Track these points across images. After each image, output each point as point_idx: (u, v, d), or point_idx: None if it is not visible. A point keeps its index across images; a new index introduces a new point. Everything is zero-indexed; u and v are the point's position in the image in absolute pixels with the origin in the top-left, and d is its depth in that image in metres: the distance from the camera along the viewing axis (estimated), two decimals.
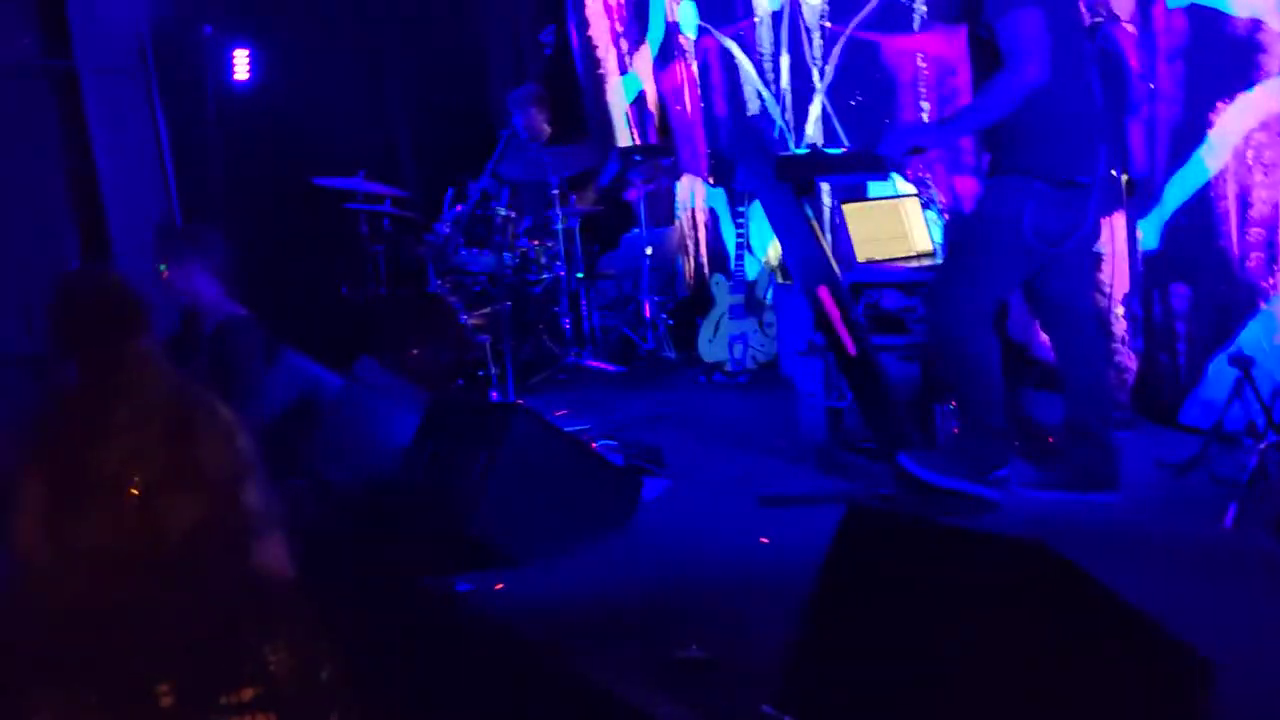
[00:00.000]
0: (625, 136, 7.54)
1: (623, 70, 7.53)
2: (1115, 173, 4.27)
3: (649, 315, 6.70)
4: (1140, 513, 3.71)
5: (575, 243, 6.53)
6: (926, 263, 4.65)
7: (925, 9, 5.43)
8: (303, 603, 1.40)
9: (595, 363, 6.48)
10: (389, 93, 7.92)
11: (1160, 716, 1.97)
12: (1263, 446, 3.59)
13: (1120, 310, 4.64)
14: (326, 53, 7.43)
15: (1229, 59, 4.18)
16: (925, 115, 5.45)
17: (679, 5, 7.01)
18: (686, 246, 7.32)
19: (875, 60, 5.72)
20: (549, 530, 3.69)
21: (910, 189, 5.37)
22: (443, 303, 6.11)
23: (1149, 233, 4.57)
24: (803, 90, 6.20)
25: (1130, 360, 4.66)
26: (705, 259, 7.18)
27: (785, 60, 6.29)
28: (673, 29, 7.09)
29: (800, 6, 6.11)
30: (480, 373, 6.06)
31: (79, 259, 6.42)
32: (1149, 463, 4.10)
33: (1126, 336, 4.65)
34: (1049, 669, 1.96)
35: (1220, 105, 4.24)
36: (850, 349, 3.98)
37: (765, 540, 3.73)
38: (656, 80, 7.33)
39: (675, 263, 7.31)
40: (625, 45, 7.48)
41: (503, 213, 6.16)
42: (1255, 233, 4.22)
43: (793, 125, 6.31)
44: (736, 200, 6.44)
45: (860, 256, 4.64)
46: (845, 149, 5.33)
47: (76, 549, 1.28)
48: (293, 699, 1.30)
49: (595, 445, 4.47)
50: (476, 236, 6.31)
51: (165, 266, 4.05)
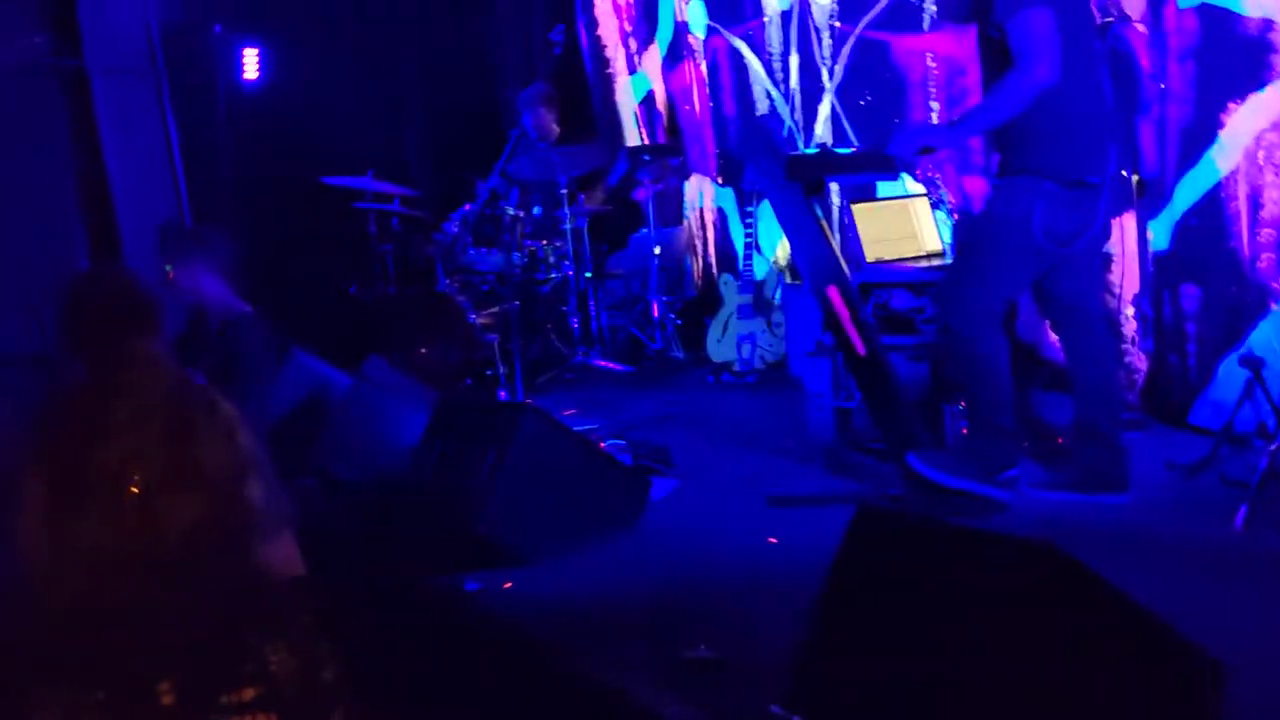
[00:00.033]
0: (634, 136, 7.54)
1: (631, 70, 7.53)
2: (1125, 173, 4.25)
3: (657, 315, 6.70)
4: (1150, 514, 3.70)
5: (583, 242, 6.54)
6: (936, 263, 4.64)
7: (935, 9, 5.42)
8: (305, 602, 1.39)
9: (603, 362, 6.48)
10: (398, 92, 7.93)
11: (1170, 717, 1.97)
12: (1273, 448, 3.58)
13: (1130, 311, 4.63)
14: (336, 52, 7.44)
15: (1240, 59, 4.17)
16: (934, 115, 5.44)
17: (688, 5, 7.00)
18: (695, 246, 7.31)
19: (885, 60, 5.71)
20: (557, 530, 3.69)
21: (920, 189, 5.36)
22: (451, 302, 6.11)
23: (1159, 233, 4.56)
24: (812, 90, 6.19)
25: (1140, 361, 4.65)
26: (713, 259, 7.18)
27: (794, 60, 6.28)
28: (681, 29, 7.08)
29: (810, 6, 6.10)
30: (488, 372, 6.07)
31: (88, 259, 6.43)
32: (1159, 464, 4.09)
33: (1136, 337, 4.64)
34: (1058, 670, 1.96)
35: (1231, 105, 4.23)
36: (859, 349, 3.97)
37: (773, 540, 3.73)
38: (665, 80, 7.33)
39: (683, 262, 7.30)
40: (634, 45, 7.48)
41: (511, 212, 6.16)
42: (1266, 233, 4.21)
43: (802, 125, 6.31)
44: (745, 200, 6.43)
45: (869, 256, 4.64)
46: (855, 149, 5.32)
47: (76, 549, 1.28)
48: (294, 699, 1.30)
49: (603, 445, 4.47)
50: (485, 236, 6.32)
51: (171, 267, 4.06)
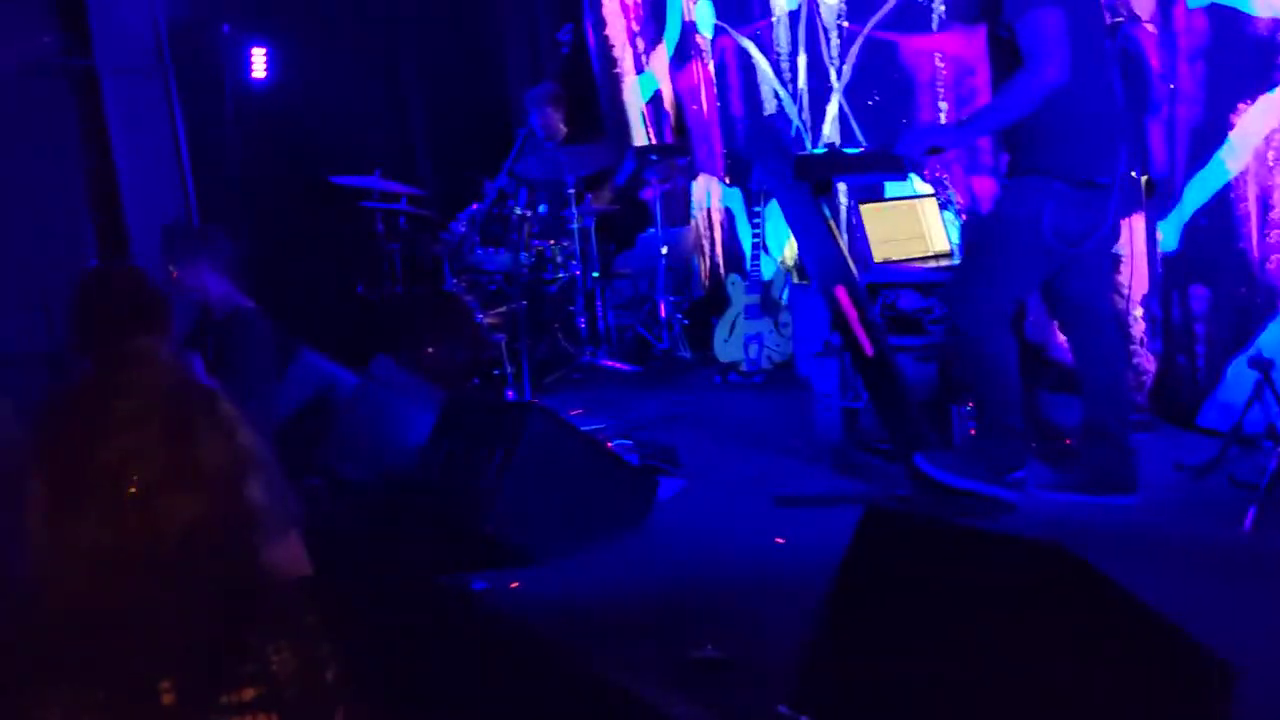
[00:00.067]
0: (641, 136, 7.54)
1: (639, 69, 7.53)
2: (1135, 173, 4.25)
3: (664, 315, 6.69)
4: (1158, 515, 3.69)
5: (591, 242, 6.54)
6: (944, 263, 4.64)
7: (943, 9, 5.41)
8: (308, 602, 1.39)
9: (610, 362, 6.48)
10: (406, 91, 7.94)
11: (1178, 719, 1.96)
12: None
13: (1139, 311, 4.62)
14: (343, 51, 7.46)
15: (1250, 59, 4.16)
16: (943, 115, 5.43)
17: (696, 5, 7.00)
18: (702, 246, 7.31)
19: (893, 60, 5.70)
20: (564, 529, 3.69)
21: (928, 189, 5.36)
22: (458, 301, 6.12)
23: (1168, 234, 4.54)
24: (820, 90, 6.19)
25: (1149, 362, 4.64)
26: (721, 258, 7.17)
27: (802, 60, 6.28)
28: (689, 28, 7.08)
29: (818, 6, 6.10)
30: (496, 371, 6.07)
31: (97, 257, 6.45)
32: (1167, 465, 4.08)
33: (1145, 338, 4.63)
34: (1066, 671, 1.95)
35: (1241, 106, 4.22)
36: (867, 349, 3.97)
37: (781, 540, 3.73)
38: (673, 79, 7.32)
39: (691, 262, 7.30)
40: (642, 44, 7.48)
41: (519, 211, 6.16)
42: (1276, 234, 4.19)
43: (810, 125, 6.30)
44: (752, 200, 6.43)
45: (877, 257, 4.64)
46: (863, 149, 5.32)
47: (76, 548, 1.28)
48: (295, 699, 1.30)
49: (611, 445, 4.47)
50: (492, 235, 6.32)
51: (174, 267, 4.08)
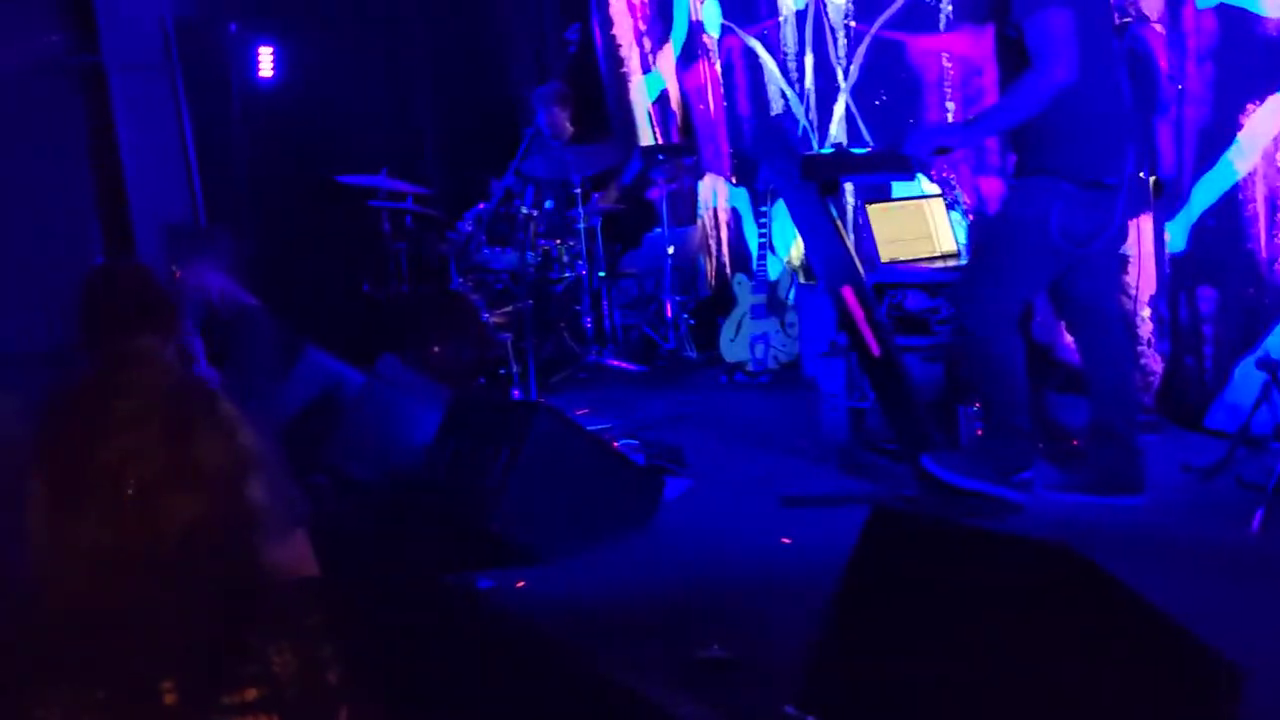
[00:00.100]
0: (648, 135, 7.54)
1: (646, 69, 7.52)
2: (1143, 174, 4.24)
3: (670, 315, 6.69)
4: (1165, 516, 3.68)
5: (597, 241, 6.54)
6: (951, 263, 4.63)
7: (951, 8, 5.40)
8: (310, 603, 1.38)
9: (616, 362, 6.48)
10: (412, 90, 7.94)
11: None
12: None
13: (1146, 312, 4.61)
14: (350, 50, 7.46)
15: (1259, 60, 4.15)
16: (950, 115, 5.42)
17: (703, 4, 6.99)
18: (708, 246, 7.31)
19: (900, 60, 5.70)
20: (570, 529, 3.69)
21: (935, 189, 5.35)
22: (465, 300, 6.12)
23: (1176, 235, 4.53)
24: (827, 90, 6.18)
25: (1156, 363, 4.63)
26: (727, 258, 7.17)
27: (809, 59, 6.27)
28: (696, 28, 7.08)
29: (825, 6, 6.09)
30: (502, 371, 6.07)
31: (103, 255, 6.45)
32: (1174, 466, 4.07)
33: (1152, 339, 4.62)
34: (1073, 671, 1.95)
35: (1250, 107, 4.21)
36: (874, 349, 3.96)
37: (787, 541, 3.72)
38: (680, 79, 7.32)
39: (697, 262, 7.30)
40: (648, 44, 7.48)
41: (525, 211, 6.16)
42: None
43: (816, 125, 6.29)
44: (759, 200, 6.42)
45: (884, 257, 4.63)
46: (870, 149, 5.31)
47: (76, 548, 1.27)
48: (296, 700, 1.30)
49: (617, 444, 4.47)
50: (499, 235, 6.32)
51: (177, 267, 4.09)
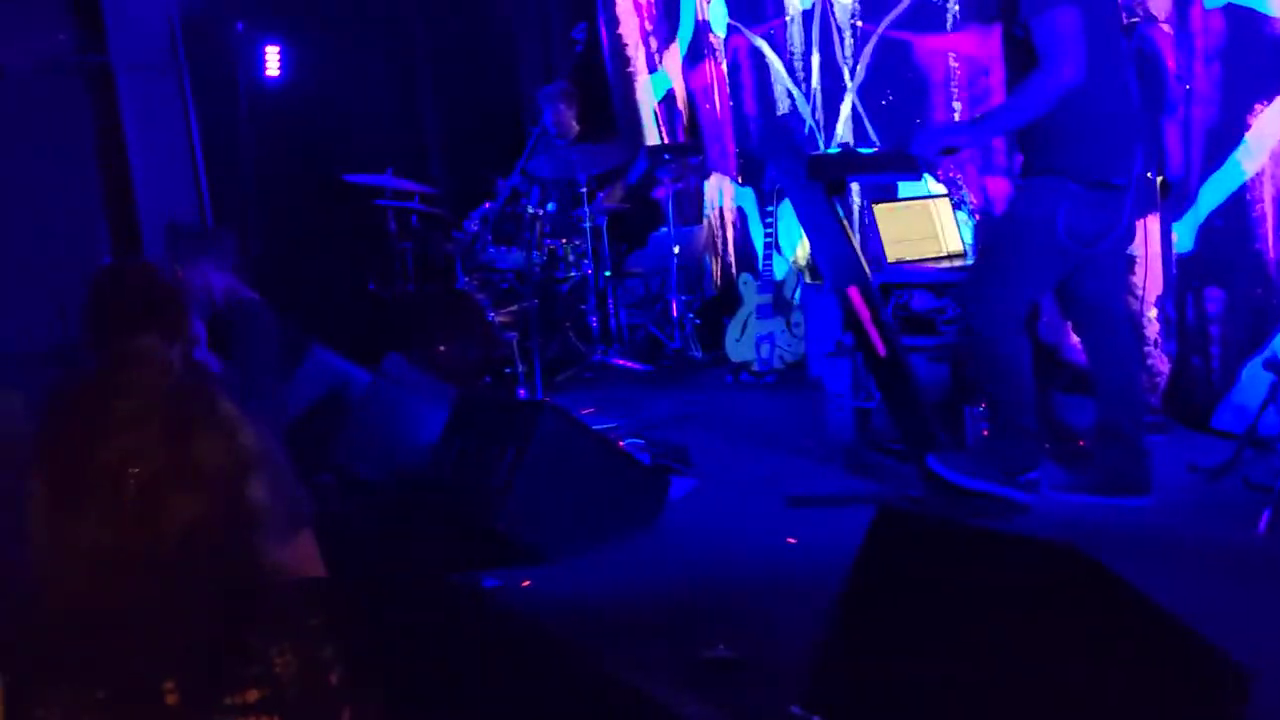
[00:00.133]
0: (654, 135, 7.53)
1: (652, 68, 7.52)
2: (1150, 174, 4.22)
3: (676, 314, 6.69)
4: (1172, 517, 3.68)
5: (603, 241, 6.54)
6: (957, 264, 4.62)
7: (958, 8, 5.39)
8: (312, 603, 1.38)
9: (622, 361, 6.48)
10: (419, 89, 7.95)
11: None
12: None
13: (1153, 313, 4.60)
14: (357, 49, 7.47)
15: (1267, 60, 4.14)
16: (957, 115, 5.41)
17: (709, 3, 6.99)
18: (714, 245, 7.30)
19: (907, 60, 5.69)
20: (576, 528, 3.69)
21: (941, 189, 5.34)
22: (470, 300, 6.12)
23: (1183, 235, 4.52)
24: (833, 89, 6.17)
25: (1163, 363, 4.62)
26: (733, 258, 7.16)
27: (816, 59, 6.26)
28: (703, 27, 7.07)
29: (831, 5, 6.08)
30: (507, 370, 6.07)
31: (110, 254, 6.47)
32: (1181, 467, 4.06)
33: (1159, 339, 4.61)
34: (1079, 672, 1.95)
35: (1258, 107, 4.19)
36: (880, 350, 3.96)
37: (793, 540, 3.72)
38: (686, 79, 7.32)
39: (703, 262, 7.29)
40: (655, 43, 7.48)
41: (531, 210, 6.16)
42: None
43: (823, 124, 6.29)
44: (765, 199, 6.42)
45: (891, 257, 4.63)
46: (876, 148, 5.31)
47: (77, 548, 1.27)
48: (298, 701, 1.30)
49: (622, 444, 4.47)
50: (505, 234, 6.33)
51: (178, 266, 4.10)
